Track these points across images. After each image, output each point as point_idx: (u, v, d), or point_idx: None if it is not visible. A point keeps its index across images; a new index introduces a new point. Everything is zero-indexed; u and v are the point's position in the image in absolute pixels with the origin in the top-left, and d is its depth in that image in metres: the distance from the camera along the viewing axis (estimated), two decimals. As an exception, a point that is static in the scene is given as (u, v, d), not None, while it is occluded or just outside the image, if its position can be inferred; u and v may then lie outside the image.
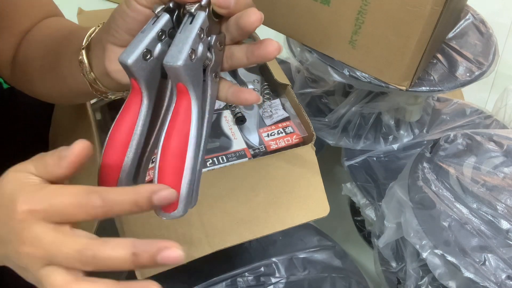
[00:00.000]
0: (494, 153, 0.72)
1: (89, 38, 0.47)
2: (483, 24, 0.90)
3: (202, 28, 0.37)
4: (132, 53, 0.36)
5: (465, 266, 0.57)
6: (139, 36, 0.37)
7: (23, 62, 0.56)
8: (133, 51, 0.36)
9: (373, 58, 0.72)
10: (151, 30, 0.37)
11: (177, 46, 0.36)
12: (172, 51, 0.36)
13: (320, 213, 0.61)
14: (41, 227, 0.33)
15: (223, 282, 0.65)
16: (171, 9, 0.38)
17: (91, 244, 0.32)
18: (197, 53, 0.37)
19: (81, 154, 0.34)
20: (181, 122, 0.37)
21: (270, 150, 0.65)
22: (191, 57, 0.36)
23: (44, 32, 0.56)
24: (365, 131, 0.93)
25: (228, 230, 0.57)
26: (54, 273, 0.32)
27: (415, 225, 0.63)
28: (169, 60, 0.35)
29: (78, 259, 0.32)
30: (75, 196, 0.33)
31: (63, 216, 0.33)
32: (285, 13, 0.77)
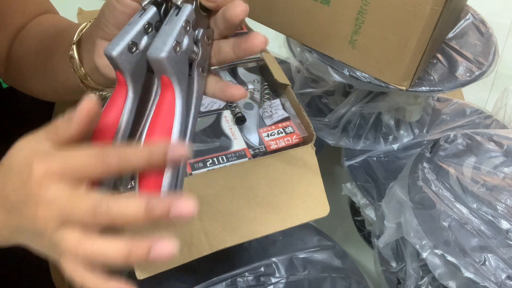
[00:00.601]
0: (494, 153, 0.72)
1: (80, 33, 0.47)
2: (483, 24, 0.90)
3: (188, 20, 0.36)
4: (117, 45, 0.36)
5: (465, 266, 0.57)
6: (125, 29, 0.37)
7: (16, 59, 0.56)
8: (118, 43, 0.36)
9: (373, 58, 0.72)
10: (137, 23, 0.37)
11: (162, 37, 0.35)
12: (157, 42, 0.35)
13: (320, 213, 0.61)
14: (57, 188, 0.33)
15: (223, 282, 0.65)
16: (158, 2, 0.38)
17: (105, 199, 0.32)
18: (182, 46, 0.36)
19: (90, 112, 0.34)
20: (164, 116, 0.36)
21: (270, 150, 0.65)
22: (176, 49, 0.35)
23: (37, 29, 0.56)
24: (365, 131, 0.93)
25: (228, 230, 0.57)
26: (69, 232, 0.33)
27: (415, 225, 0.63)
28: (152, 51, 0.35)
29: (92, 214, 0.32)
30: (91, 153, 0.33)
31: (79, 174, 0.33)
32: (285, 13, 0.77)
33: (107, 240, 0.33)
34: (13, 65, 0.56)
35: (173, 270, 0.54)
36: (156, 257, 0.32)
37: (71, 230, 0.33)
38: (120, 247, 0.32)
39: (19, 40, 0.56)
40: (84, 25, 0.47)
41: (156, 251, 0.31)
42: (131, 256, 0.32)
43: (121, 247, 0.32)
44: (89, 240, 0.32)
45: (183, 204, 0.31)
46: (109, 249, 0.32)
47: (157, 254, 0.31)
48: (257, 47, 0.38)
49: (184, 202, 0.31)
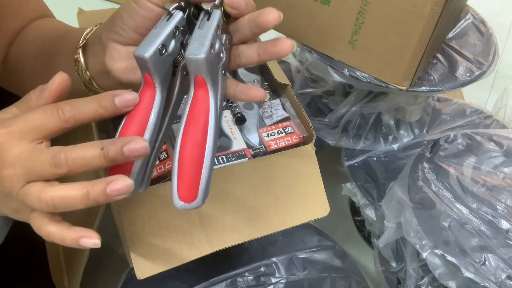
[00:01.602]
0: (494, 153, 0.72)
1: (86, 37, 0.47)
2: (483, 24, 0.90)
3: (219, 25, 0.38)
4: (150, 47, 0.37)
5: (465, 266, 0.57)
6: (154, 32, 0.38)
7: (14, 63, 0.56)
8: (150, 45, 0.37)
9: (373, 58, 0.72)
10: (167, 26, 0.38)
11: (198, 40, 0.37)
12: (194, 44, 0.37)
13: (320, 213, 0.61)
14: (19, 147, 0.36)
15: (223, 282, 0.65)
16: (182, 7, 0.39)
17: (63, 149, 0.35)
18: (215, 49, 0.38)
19: (61, 84, 0.38)
20: (200, 113, 0.38)
21: (270, 150, 0.65)
22: (211, 51, 0.37)
23: (35, 33, 0.56)
24: (365, 131, 0.93)
25: (228, 230, 0.57)
26: (32, 186, 0.36)
27: (415, 225, 0.63)
28: (191, 53, 0.36)
29: (52, 164, 0.35)
30: (46, 109, 0.37)
31: (38, 131, 0.36)
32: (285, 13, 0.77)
33: (67, 185, 0.35)
34: (11, 70, 0.56)
35: (173, 270, 0.54)
36: (113, 192, 0.34)
37: (34, 184, 0.36)
38: (80, 188, 0.35)
39: (16, 44, 0.56)
40: (90, 29, 0.47)
41: (112, 187, 0.34)
42: (90, 195, 0.35)
43: (80, 188, 0.35)
44: (50, 187, 0.35)
45: (135, 143, 0.35)
46: (69, 192, 0.35)
47: (114, 189, 0.34)
48: (286, 51, 0.40)
49: (136, 140, 0.35)
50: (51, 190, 0.35)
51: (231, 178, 0.60)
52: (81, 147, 0.35)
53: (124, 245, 0.55)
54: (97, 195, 0.35)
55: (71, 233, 0.36)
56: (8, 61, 0.56)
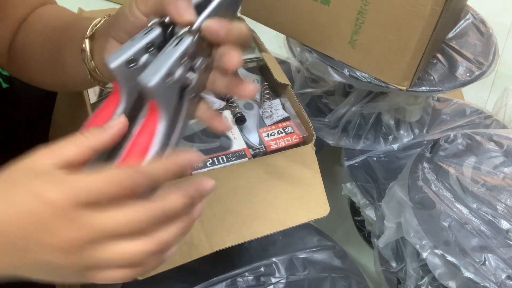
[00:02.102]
0: (494, 153, 0.72)
1: (94, 28, 0.47)
2: (483, 24, 0.90)
3: (186, 53, 0.37)
4: (117, 58, 0.36)
5: (465, 266, 0.57)
6: (128, 44, 0.37)
7: (21, 51, 0.56)
8: (118, 56, 0.37)
9: (373, 58, 0.72)
10: (140, 41, 0.37)
11: (155, 66, 0.36)
12: (149, 70, 0.36)
13: (320, 213, 0.61)
14: (84, 215, 0.31)
15: (223, 282, 0.65)
16: (165, 24, 0.38)
17: (144, 210, 0.32)
18: (174, 77, 0.37)
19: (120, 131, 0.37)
20: (145, 138, 0.37)
21: (270, 150, 0.65)
22: (166, 79, 0.36)
23: (41, 22, 0.56)
24: (365, 131, 0.93)
25: (228, 230, 0.57)
26: (115, 244, 0.32)
27: (415, 225, 0.63)
28: (142, 78, 0.35)
29: (135, 224, 0.32)
30: (114, 181, 0.31)
31: (102, 199, 0.31)
32: (285, 13, 0.77)
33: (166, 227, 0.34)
34: (18, 57, 0.57)
35: (173, 270, 0.54)
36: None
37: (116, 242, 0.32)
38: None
39: (23, 32, 0.56)
40: (98, 20, 0.48)
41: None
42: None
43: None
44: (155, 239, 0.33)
45: (206, 183, 0.36)
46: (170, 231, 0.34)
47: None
48: (248, 96, 0.40)
49: (206, 181, 0.36)
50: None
51: (231, 178, 0.60)
52: (164, 200, 0.33)
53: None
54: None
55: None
56: (14, 49, 0.56)
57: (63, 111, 0.74)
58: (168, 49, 0.37)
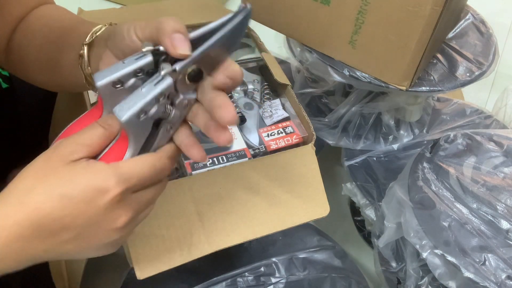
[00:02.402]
0: (494, 153, 0.72)
1: (94, 35, 0.48)
2: (483, 24, 0.90)
3: (163, 94, 0.37)
4: (104, 78, 0.37)
5: (465, 266, 0.57)
6: (118, 65, 0.38)
7: (19, 49, 0.57)
8: (106, 75, 0.37)
9: (373, 58, 0.72)
10: (130, 65, 0.38)
11: (130, 101, 0.36)
12: (124, 103, 0.36)
13: (320, 213, 0.61)
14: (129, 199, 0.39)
15: (223, 282, 0.65)
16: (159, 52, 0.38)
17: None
18: (149, 114, 0.37)
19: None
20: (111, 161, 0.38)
21: (270, 150, 0.65)
22: (139, 115, 0.37)
23: (39, 22, 0.56)
24: (365, 131, 0.93)
25: (228, 230, 0.57)
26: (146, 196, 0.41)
27: (415, 225, 0.63)
28: (116, 110, 0.36)
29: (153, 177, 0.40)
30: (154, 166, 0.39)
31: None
32: (285, 13, 0.77)
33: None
34: (16, 55, 0.57)
35: (173, 270, 0.54)
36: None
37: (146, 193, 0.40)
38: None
39: (21, 31, 0.57)
40: (99, 28, 0.49)
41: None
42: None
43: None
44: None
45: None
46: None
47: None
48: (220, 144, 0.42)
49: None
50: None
51: (231, 178, 0.60)
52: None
53: (124, 245, 0.55)
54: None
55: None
56: (13, 48, 0.57)
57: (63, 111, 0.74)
58: (147, 86, 0.37)
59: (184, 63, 0.37)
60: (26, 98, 0.80)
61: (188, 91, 0.40)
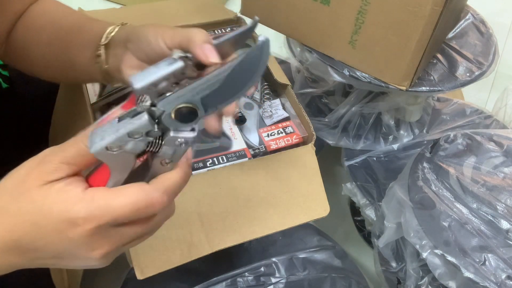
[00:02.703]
0: (494, 153, 0.72)
1: (109, 36, 0.52)
2: (483, 24, 0.90)
3: (138, 131, 0.35)
4: (142, 81, 0.36)
5: (465, 266, 0.57)
6: (152, 70, 0.37)
7: (22, 45, 0.57)
8: (143, 79, 0.36)
9: (373, 58, 0.72)
10: (164, 70, 0.36)
11: (105, 132, 0.35)
12: (98, 130, 0.35)
13: (320, 213, 0.61)
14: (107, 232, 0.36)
15: (223, 282, 0.65)
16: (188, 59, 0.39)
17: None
18: (124, 148, 0.35)
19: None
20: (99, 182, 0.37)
21: (270, 150, 0.65)
22: (110, 148, 0.35)
23: (46, 18, 0.58)
24: (365, 131, 0.93)
25: (228, 230, 0.57)
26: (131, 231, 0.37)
27: (415, 225, 0.63)
28: (89, 137, 0.35)
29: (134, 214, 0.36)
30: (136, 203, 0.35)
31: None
32: (285, 13, 0.77)
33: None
34: (20, 51, 0.58)
35: (173, 270, 0.54)
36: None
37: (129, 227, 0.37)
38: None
39: (24, 27, 0.57)
40: (112, 28, 0.52)
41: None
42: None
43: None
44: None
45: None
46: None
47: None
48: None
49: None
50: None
51: (231, 178, 0.60)
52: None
53: (124, 245, 0.55)
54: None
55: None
56: (15, 43, 0.58)
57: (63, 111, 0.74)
58: (125, 120, 0.35)
59: (164, 100, 0.35)
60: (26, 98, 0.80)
61: (182, 129, 0.37)
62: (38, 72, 0.60)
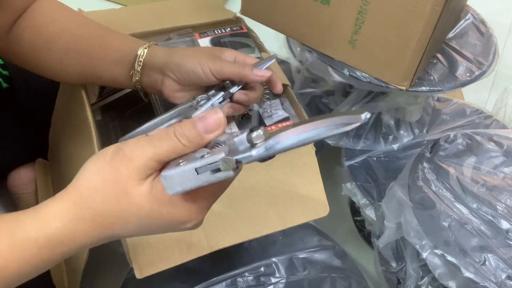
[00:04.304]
0: (494, 153, 0.72)
1: (141, 59, 0.57)
2: (483, 24, 0.90)
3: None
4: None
5: (465, 266, 0.57)
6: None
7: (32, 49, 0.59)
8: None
9: (373, 58, 0.72)
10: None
11: (183, 178, 0.35)
12: (176, 177, 0.36)
13: (320, 213, 0.61)
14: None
15: (223, 282, 0.65)
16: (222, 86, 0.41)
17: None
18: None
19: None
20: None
21: (270, 150, 0.65)
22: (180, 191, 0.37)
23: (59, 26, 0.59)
24: (365, 131, 0.93)
25: (228, 230, 0.57)
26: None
27: (415, 225, 0.63)
28: (166, 180, 0.36)
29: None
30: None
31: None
32: (285, 13, 0.77)
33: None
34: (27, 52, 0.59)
35: (173, 270, 0.54)
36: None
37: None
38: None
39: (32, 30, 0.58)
40: (142, 52, 0.57)
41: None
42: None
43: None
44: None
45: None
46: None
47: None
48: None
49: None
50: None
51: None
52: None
53: (124, 245, 0.55)
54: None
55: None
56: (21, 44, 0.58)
57: (63, 111, 0.74)
58: (205, 173, 0.35)
59: (245, 158, 0.34)
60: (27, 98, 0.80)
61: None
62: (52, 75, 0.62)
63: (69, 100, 0.71)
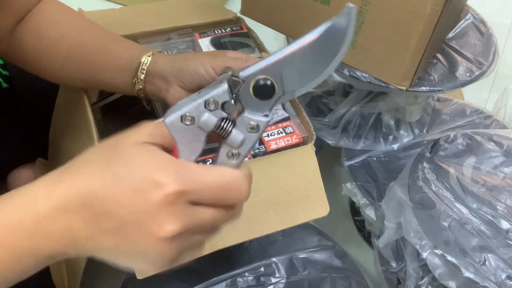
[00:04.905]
0: (494, 153, 0.72)
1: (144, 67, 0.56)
2: (483, 24, 0.90)
3: (215, 100, 0.34)
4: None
5: (465, 266, 0.57)
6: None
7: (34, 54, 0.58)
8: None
9: (373, 58, 0.72)
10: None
11: (181, 104, 0.35)
12: (177, 104, 0.36)
13: (320, 213, 0.61)
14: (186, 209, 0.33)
15: (223, 282, 0.65)
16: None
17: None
18: (197, 122, 0.35)
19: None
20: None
21: (270, 150, 0.65)
22: (184, 120, 0.35)
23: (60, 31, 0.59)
24: (365, 131, 0.93)
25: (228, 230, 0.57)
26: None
27: (415, 225, 0.63)
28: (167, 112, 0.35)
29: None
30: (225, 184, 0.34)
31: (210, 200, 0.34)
32: (285, 13, 0.77)
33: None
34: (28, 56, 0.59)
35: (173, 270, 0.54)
36: None
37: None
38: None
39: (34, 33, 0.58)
40: (145, 60, 0.56)
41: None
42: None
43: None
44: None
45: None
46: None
47: None
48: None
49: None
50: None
51: (231, 178, 0.60)
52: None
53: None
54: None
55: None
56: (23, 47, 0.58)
57: (63, 111, 0.74)
58: (204, 90, 0.35)
59: (247, 70, 0.34)
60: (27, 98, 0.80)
61: (257, 110, 0.35)
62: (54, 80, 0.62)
63: (70, 100, 0.71)
